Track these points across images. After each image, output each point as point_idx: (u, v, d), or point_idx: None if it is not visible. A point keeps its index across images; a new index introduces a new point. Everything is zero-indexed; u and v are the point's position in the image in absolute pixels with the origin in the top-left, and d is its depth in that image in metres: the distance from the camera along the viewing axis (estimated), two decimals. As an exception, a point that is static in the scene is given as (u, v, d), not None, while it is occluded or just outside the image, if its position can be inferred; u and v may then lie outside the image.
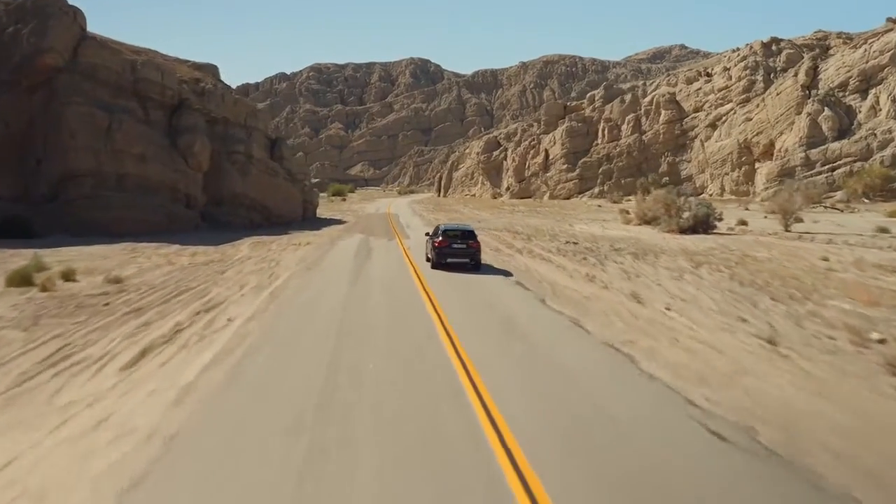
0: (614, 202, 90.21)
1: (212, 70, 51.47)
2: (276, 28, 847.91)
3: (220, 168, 46.06)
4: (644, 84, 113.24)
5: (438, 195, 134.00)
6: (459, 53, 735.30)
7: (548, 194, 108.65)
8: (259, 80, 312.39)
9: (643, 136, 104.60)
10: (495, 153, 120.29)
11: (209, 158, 44.65)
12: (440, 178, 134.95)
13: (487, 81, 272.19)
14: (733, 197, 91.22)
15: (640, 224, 45.50)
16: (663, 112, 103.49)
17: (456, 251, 23.73)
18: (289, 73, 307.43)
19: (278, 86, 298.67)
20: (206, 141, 43.98)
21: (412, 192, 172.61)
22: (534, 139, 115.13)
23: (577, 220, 53.39)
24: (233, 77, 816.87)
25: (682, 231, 38.43)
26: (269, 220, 49.87)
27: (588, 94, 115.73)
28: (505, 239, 38.73)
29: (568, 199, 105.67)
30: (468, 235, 24.09)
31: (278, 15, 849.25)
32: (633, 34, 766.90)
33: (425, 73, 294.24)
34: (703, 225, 38.71)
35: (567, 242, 36.17)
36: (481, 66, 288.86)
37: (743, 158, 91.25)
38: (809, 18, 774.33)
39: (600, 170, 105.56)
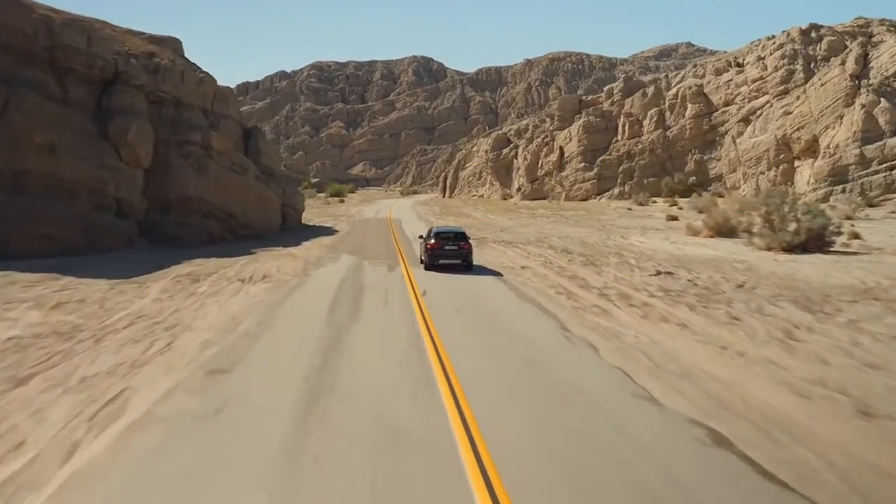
0: (640, 204, 79.26)
1: (172, 44, 40.16)
2: (277, 25, 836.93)
3: (168, 163, 34.77)
4: (668, 76, 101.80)
5: (443, 196, 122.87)
6: (462, 51, 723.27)
7: (563, 195, 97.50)
8: (259, 79, 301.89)
9: (668, 132, 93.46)
10: (505, 151, 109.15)
11: (152, 150, 33.88)
12: (445, 178, 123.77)
13: (492, 79, 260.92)
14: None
15: (713, 236, 34.30)
16: (690, 106, 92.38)
17: (448, 252, 23.11)
18: (289, 72, 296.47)
19: (278, 84, 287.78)
20: (146, 127, 32.78)
21: (415, 192, 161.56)
22: (547, 136, 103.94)
23: (622, 229, 42.51)
24: (232, 75, 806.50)
25: (789, 249, 27.39)
26: (236, 231, 37.92)
27: (606, 88, 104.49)
28: (552, 261, 27.93)
29: (585, 200, 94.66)
30: (459, 237, 23.66)
31: (279, 12, 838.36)
32: (639, 32, 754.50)
33: (428, 72, 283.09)
34: (817, 240, 27.60)
35: (658, 273, 24.75)
36: (485, 64, 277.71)
37: (781, 156, 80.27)
38: (808, 14, 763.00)
39: (620, 168, 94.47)
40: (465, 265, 24.15)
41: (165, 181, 35.08)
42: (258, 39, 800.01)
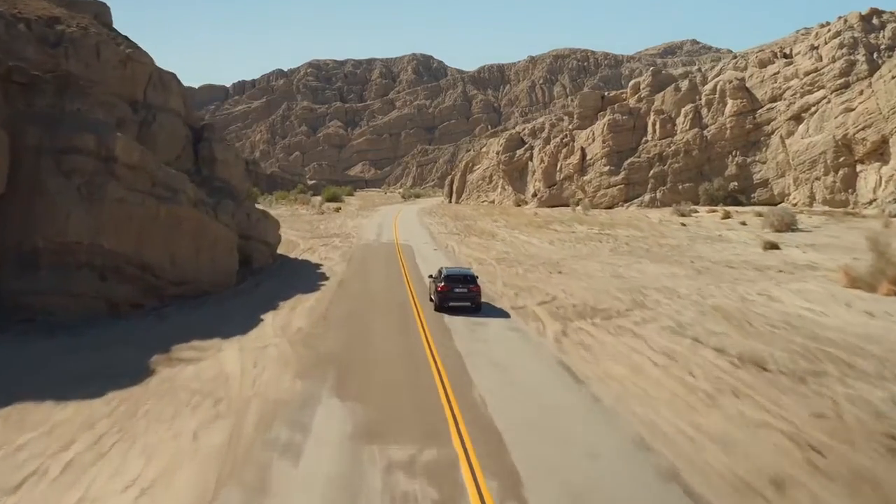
0: (682, 215, 67.48)
1: (95, 9, 27.93)
2: (274, 23, 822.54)
3: (38, 186, 21.70)
4: (700, 68, 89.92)
5: (450, 200, 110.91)
6: (463, 49, 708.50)
7: (586, 201, 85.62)
8: (255, 77, 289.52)
9: (705, 132, 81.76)
10: (518, 153, 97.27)
11: (5, 166, 21.03)
12: (451, 182, 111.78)
13: (494, 77, 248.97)
14: (828, 207, 68.77)
15: (891, 291, 22.17)
16: (730, 102, 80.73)
17: (457, 295, 22.28)
18: (286, 70, 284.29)
19: (275, 83, 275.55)
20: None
21: (417, 195, 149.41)
22: (566, 136, 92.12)
23: (725, 268, 29.96)
24: (229, 74, 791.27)
25: None
26: (160, 291, 23.86)
27: (632, 82, 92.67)
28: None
29: (611, 207, 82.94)
30: (469, 280, 22.80)
31: (276, 10, 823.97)
32: (643, 29, 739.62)
33: (428, 70, 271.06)
34: None
35: None
36: (486, 62, 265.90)
37: (841, 159, 68.84)
38: (817, 7, 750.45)
39: (651, 172, 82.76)
40: (474, 307, 23.26)
41: (29, 216, 21.18)
42: (255, 37, 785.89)
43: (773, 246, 34.94)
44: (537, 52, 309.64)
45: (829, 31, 76.92)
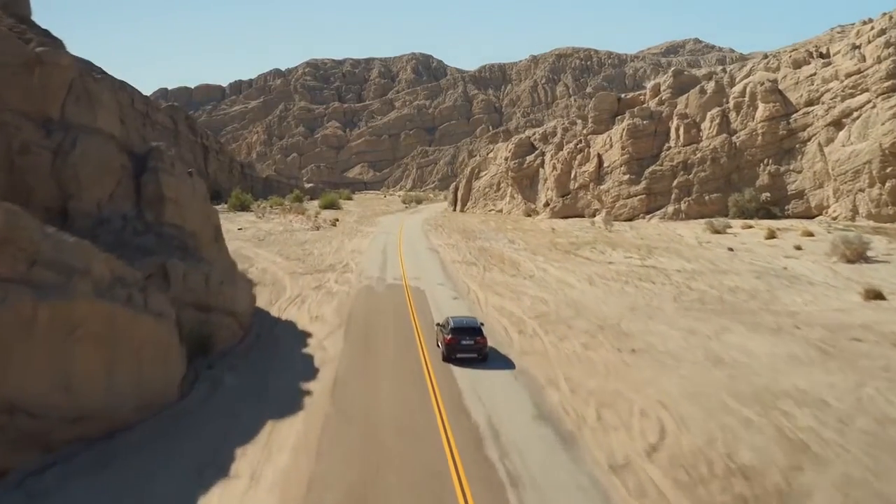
0: (716, 232, 60.23)
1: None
2: (271, 22, 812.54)
3: None
4: (725, 68, 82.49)
5: (454, 208, 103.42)
6: (463, 48, 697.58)
7: (604, 213, 78.26)
8: (253, 77, 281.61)
9: (733, 138, 74.51)
10: (528, 159, 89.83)
11: None
12: (456, 189, 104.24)
13: (495, 76, 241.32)
14: (873, 223, 61.79)
15: None
16: (761, 105, 73.52)
17: (464, 347, 21.52)
18: (283, 70, 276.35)
19: (272, 82, 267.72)
20: None
21: (419, 200, 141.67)
22: (580, 141, 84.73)
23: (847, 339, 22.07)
24: (226, 73, 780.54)
25: None
26: (46, 439, 14.15)
27: (652, 84, 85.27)
28: None
29: (631, 219, 75.69)
30: (475, 332, 21.84)
31: (273, 8, 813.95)
32: (644, 28, 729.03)
33: (427, 69, 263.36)
34: None
35: None
36: (486, 61, 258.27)
37: (888, 169, 62.05)
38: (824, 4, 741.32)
39: (675, 182, 75.48)
40: (480, 358, 21.95)
41: None
42: (253, 36, 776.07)
43: (878, 296, 27.62)
44: (538, 51, 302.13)
45: (873, 28, 69.62)
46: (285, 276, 34.62)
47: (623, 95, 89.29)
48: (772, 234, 54.12)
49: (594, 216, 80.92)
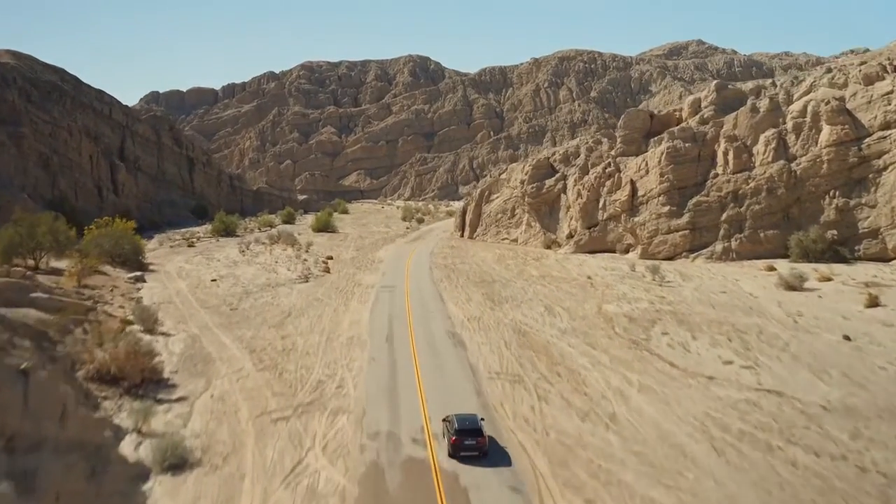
0: (790, 287, 48.36)
1: None
2: (265, 23, 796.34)
3: None
4: (775, 82, 70.39)
5: (462, 234, 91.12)
6: (461, 50, 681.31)
7: (639, 249, 66.32)
8: (246, 80, 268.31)
9: (793, 165, 62.63)
10: (548, 183, 77.56)
11: None
12: (464, 213, 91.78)
13: (496, 80, 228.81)
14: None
15: None
16: (827, 128, 61.69)
17: (467, 446, 21.57)
18: (278, 72, 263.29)
19: (266, 86, 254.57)
20: None
21: (421, 218, 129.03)
22: (609, 164, 72.56)
23: None
24: (218, 76, 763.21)
25: None
26: None
27: (691, 98, 73.17)
28: None
29: (672, 258, 63.81)
30: (477, 433, 21.86)
31: (268, 9, 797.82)
32: (645, 29, 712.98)
33: (425, 72, 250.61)
34: None
35: None
36: (485, 64, 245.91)
37: None
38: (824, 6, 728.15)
39: (724, 216, 63.52)
40: (481, 455, 21.73)
41: None
42: (246, 38, 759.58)
43: None
44: (538, 53, 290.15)
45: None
46: (249, 424, 22.42)
47: (656, 111, 77.08)
48: (874, 302, 42.04)
49: (627, 252, 68.97)
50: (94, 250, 59.31)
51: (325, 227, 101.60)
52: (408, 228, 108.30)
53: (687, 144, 66.72)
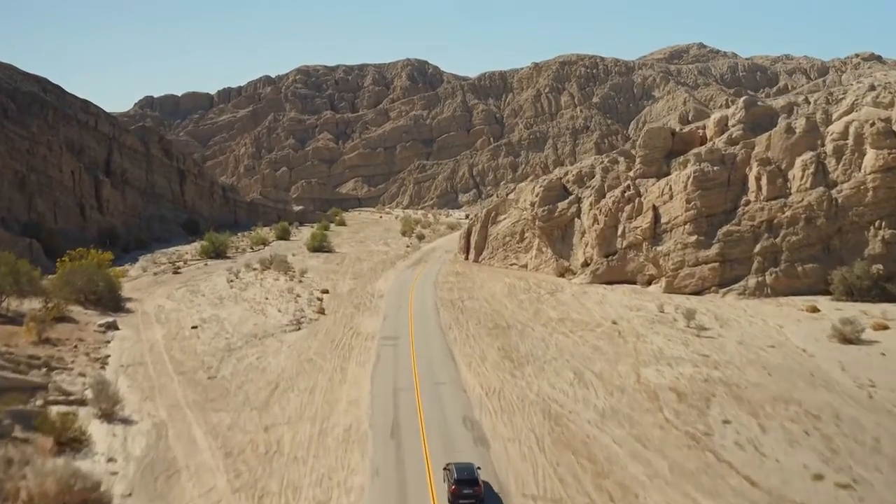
0: (846, 340, 42.30)
1: None
2: (261, 27, 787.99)
3: None
4: (815, 99, 64.18)
5: (466, 257, 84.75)
6: (459, 53, 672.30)
7: (663, 282, 60.13)
8: (242, 84, 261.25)
9: (833, 192, 56.51)
10: (561, 206, 71.24)
11: None
12: (469, 234, 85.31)
13: (496, 85, 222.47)
14: None
15: None
16: (872, 152, 55.77)
17: (465, 495, 22.71)
18: (274, 77, 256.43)
19: (262, 90, 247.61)
20: None
21: (422, 234, 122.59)
22: (628, 187, 66.28)
23: None
24: (214, 80, 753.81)
25: None
26: None
27: (717, 116, 66.90)
28: None
29: (699, 293, 57.78)
30: (474, 483, 22.95)
31: (264, 13, 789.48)
32: (645, 32, 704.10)
33: (423, 76, 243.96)
34: None
35: None
36: (484, 68, 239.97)
37: None
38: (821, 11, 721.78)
39: (757, 247, 57.32)
40: (479, 502, 22.98)
41: None
42: (242, 41, 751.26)
43: None
44: (538, 57, 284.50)
45: None
46: None
47: (678, 129, 70.79)
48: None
49: (649, 284, 62.72)
50: (63, 289, 53.10)
51: (320, 247, 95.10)
52: (408, 247, 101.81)
53: (715, 168, 60.46)
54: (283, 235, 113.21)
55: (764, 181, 58.65)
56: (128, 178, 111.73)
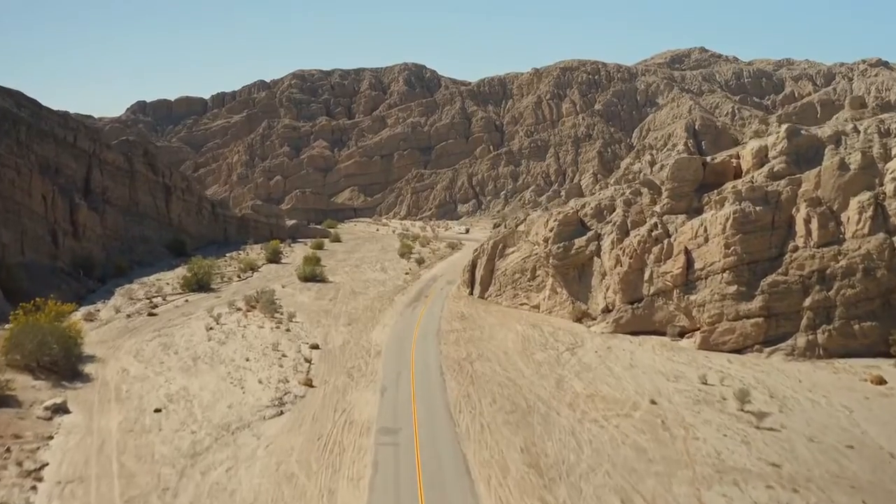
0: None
1: None
2: (257, 31, 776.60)
3: None
4: (865, 126, 56.34)
5: (470, 292, 76.78)
6: (458, 58, 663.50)
7: (698, 338, 52.33)
8: (236, 89, 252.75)
9: (895, 239, 48.59)
10: (578, 243, 63.33)
11: None
12: (474, 266, 77.36)
13: (495, 91, 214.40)
14: None
15: None
16: (941, 192, 47.50)
17: None
18: (269, 81, 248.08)
19: (257, 95, 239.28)
20: None
21: (418, 248, 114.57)
22: (656, 225, 58.39)
23: None
24: (208, 85, 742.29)
25: None
26: None
27: (755, 146, 58.89)
28: None
29: (739, 350, 49.98)
30: None
31: (259, 17, 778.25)
32: (646, 37, 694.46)
33: (420, 80, 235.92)
34: None
35: None
36: (483, 73, 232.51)
37: None
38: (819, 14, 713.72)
39: (808, 300, 49.49)
40: None
41: None
42: (238, 45, 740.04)
43: None
44: (537, 62, 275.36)
45: None
46: None
47: (710, 159, 62.82)
48: None
49: (680, 337, 54.90)
50: (11, 353, 45.13)
51: (312, 275, 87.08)
52: (407, 274, 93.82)
53: (758, 208, 52.62)
54: (274, 258, 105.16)
55: (814, 224, 50.84)
56: (108, 197, 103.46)
